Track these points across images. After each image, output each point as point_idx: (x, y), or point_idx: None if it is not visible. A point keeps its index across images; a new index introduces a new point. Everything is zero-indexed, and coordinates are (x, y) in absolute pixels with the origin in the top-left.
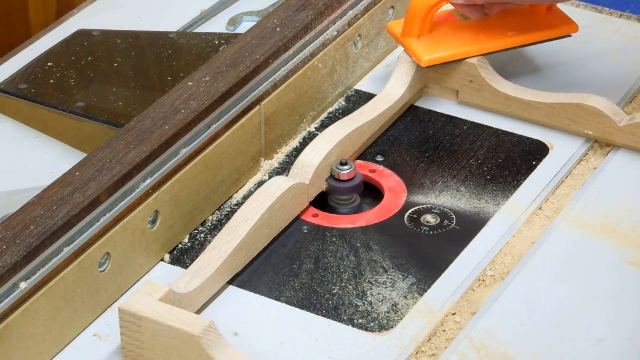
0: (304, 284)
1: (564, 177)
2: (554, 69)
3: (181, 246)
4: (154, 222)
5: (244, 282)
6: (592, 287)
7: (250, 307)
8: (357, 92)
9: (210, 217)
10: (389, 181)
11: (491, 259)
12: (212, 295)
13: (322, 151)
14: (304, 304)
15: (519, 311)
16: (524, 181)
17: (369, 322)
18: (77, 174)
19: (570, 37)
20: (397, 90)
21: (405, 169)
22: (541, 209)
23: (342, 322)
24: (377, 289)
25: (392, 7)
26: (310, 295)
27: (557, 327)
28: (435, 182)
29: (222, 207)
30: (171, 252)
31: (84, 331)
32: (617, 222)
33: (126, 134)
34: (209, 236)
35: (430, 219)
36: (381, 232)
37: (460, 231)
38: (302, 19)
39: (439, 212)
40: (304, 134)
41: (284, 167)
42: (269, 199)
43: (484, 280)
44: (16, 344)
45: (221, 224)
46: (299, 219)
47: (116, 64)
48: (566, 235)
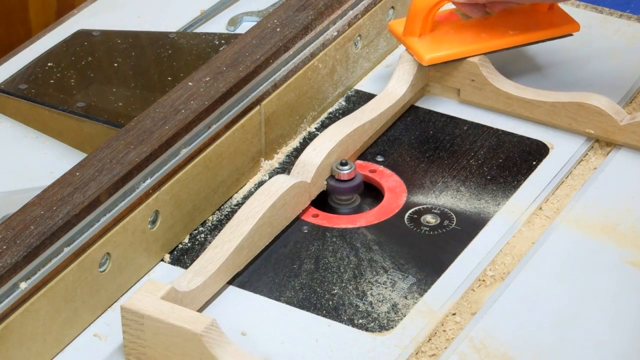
0: (304, 284)
1: (564, 177)
2: (555, 68)
3: (181, 246)
4: (154, 222)
5: (244, 282)
6: (592, 287)
7: (250, 307)
8: (357, 92)
9: (210, 217)
10: (389, 181)
11: (491, 259)
12: (213, 293)
13: (323, 150)
14: (304, 304)
15: (519, 311)
16: (524, 181)
17: (369, 322)
18: (77, 174)
19: (571, 36)
20: (398, 89)
21: (405, 169)
22: (541, 209)
23: (342, 322)
24: (377, 289)
25: (392, 7)
26: (310, 295)
27: (557, 327)
28: (435, 182)
29: (222, 207)
30: (171, 252)
31: (84, 331)
32: (617, 222)
33: (126, 134)
34: (209, 236)
35: (430, 219)
36: (381, 232)
37: (460, 231)
38: (302, 19)
39: (439, 212)
40: (304, 134)
41: (284, 167)
42: (271, 197)
43: (484, 280)
44: (16, 344)
45: (221, 224)
46: (299, 219)
47: (116, 64)
48: (566, 235)
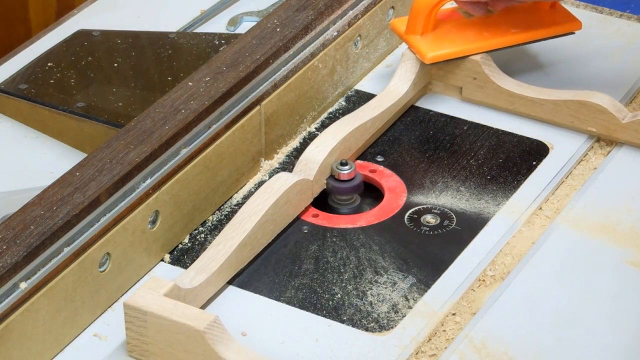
0: (304, 284)
1: (564, 177)
2: (557, 66)
3: (181, 246)
4: (154, 222)
5: (244, 282)
6: (592, 287)
7: (250, 307)
8: (357, 92)
9: (210, 217)
10: (389, 181)
11: (491, 259)
12: (216, 290)
13: (326, 147)
14: (304, 304)
15: (519, 311)
16: (524, 181)
17: (369, 322)
18: (77, 174)
19: (573, 34)
20: (400, 87)
21: (405, 169)
22: (541, 209)
23: (342, 322)
24: (377, 289)
25: (392, 7)
26: (310, 295)
27: (557, 327)
28: (435, 182)
29: (222, 207)
30: (171, 252)
31: (84, 331)
32: (617, 222)
33: (126, 134)
34: (209, 236)
35: (430, 219)
36: (381, 232)
37: (460, 231)
38: (302, 19)
39: (439, 212)
40: (304, 134)
41: (284, 167)
42: (274, 194)
43: (484, 280)
44: (16, 344)
45: (221, 224)
46: (299, 219)
47: (116, 64)
48: (566, 235)
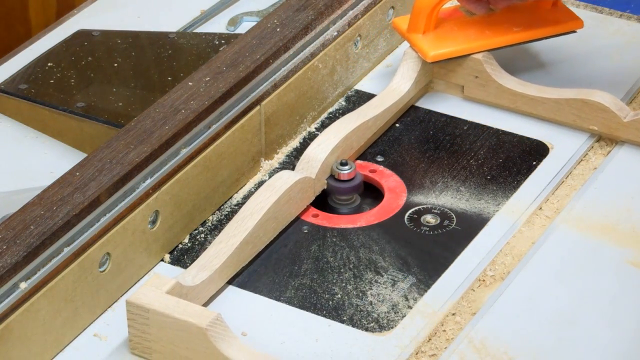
0: (304, 284)
1: (564, 177)
2: (558, 65)
3: (181, 246)
4: (154, 222)
5: (244, 282)
6: (592, 287)
7: (250, 307)
8: (357, 92)
9: (210, 217)
10: (389, 181)
11: (491, 259)
12: (218, 288)
13: (328, 146)
14: (304, 304)
15: (519, 311)
16: (524, 181)
17: (369, 322)
18: (77, 174)
19: (575, 32)
20: (402, 85)
21: (405, 169)
22: (541, 209)
23: (342, 322)
24: (377, 289)
25: (392, 7)
26: (310, 295)
27: (557, 327)
28: (435, 182)
29: (222, 207)
30: (171, 252)
31: (84, 331)
32: (617, 222)
33: (126, 134)
34: (209, 236)
35: (430, 219)
36: (381, 232)
37: (460, 231)
38: (302, 19)
39: (439, 212)
40: (304, 134)
41: (284, 167)
42: (276, 192)
43: (484, 280)
44: (16, 344)
45: (221, 224)
46: (299, 219)
47: (116, 64)
48: (566, 235)
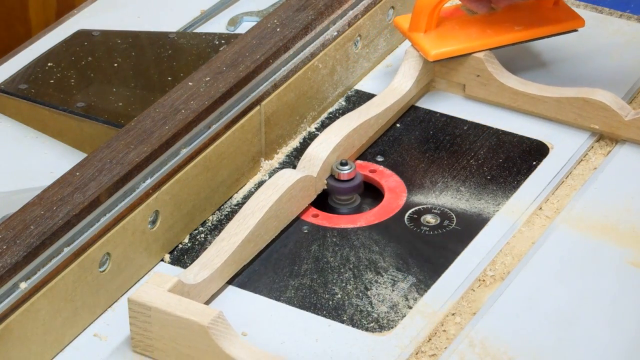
0: (304, 284)
1: (564, 177)
2: (559, 64)
3: (181, 246)
4: (154, 222)
5: (244, 282)
6: (592, 287)
7: (250, 307)
8: (357, 92)
9: (210, 217)
10: (389, 181)
11: (491, 259)
12: (220, 286)
13: (329, 144)
14: (304, 304)
15: (519, 311)
16: (524, 181)
17: (369, 322)
18: (77, 174)
19: (576, 31)
20: (404, 84)
21: (405, 169)
22: (541, 209)
23: (342, 322)
24: (377, 289)
25: (392, 7)
26: (310, 295)
27: (557, 327)
28: (435, 182)
29: (222, 207)
30: (171, 252)
31: (84, 331)
32: (617, 222)
33: (126, 134)
34: (209, 236)
35: (430, 219)
36: (381, 232)
37: (460, 231)
38: (302, 19)
39: (439, 212)
40: (304, 134)
41: (284, 167)
42: (277, 191)
43: (484, 280)
44: (16, 344)
45: (221, 224)
46: (299, 219)
47: (116, 64)
48: (566, 235)
